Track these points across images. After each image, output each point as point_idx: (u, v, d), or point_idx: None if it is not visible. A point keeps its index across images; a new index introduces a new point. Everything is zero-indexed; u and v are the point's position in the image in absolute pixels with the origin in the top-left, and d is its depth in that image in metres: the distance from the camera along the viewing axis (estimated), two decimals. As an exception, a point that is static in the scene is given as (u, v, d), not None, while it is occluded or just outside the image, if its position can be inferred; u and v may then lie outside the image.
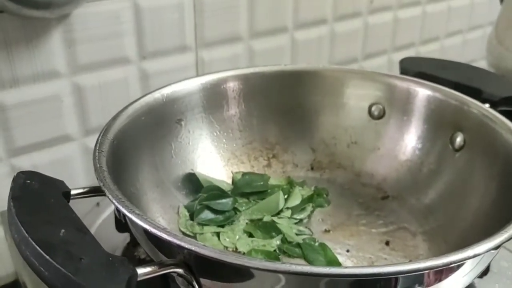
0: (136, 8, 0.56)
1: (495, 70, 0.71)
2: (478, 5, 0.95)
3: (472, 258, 0.27)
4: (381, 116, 0.50)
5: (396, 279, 0.27)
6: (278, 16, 0.68)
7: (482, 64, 0.79)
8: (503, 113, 0.43)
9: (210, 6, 0.61)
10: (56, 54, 0.52)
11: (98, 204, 0.51)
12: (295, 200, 0.47)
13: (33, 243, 0.25)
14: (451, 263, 0.26)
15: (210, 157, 0.49)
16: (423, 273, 0.28)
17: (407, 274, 0.26)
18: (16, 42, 0.50)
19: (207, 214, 0.43)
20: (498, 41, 0.70)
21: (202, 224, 0.43)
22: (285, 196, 0.47)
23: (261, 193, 0.47)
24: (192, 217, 0.44)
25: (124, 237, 0.46)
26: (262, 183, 0.49)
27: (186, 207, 0.45)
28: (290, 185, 0.49)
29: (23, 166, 0.54)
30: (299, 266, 0.25)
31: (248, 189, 0.47)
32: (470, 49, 0.98)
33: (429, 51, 0.91)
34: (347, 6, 0.74)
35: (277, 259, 0.40)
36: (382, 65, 0.84)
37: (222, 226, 0.43)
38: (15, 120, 0.52)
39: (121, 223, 0.43)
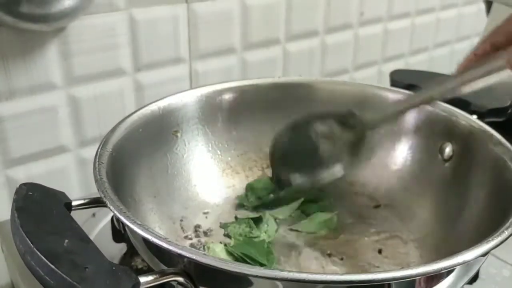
0: (131, 20, 0.56)
1: (482, 81, 0.72)
2: (465, 16, 0.97)
3: (461, 264, 0.28)
4: (373, 126, 0.52)
5: (389, 285, 0.28)
6: (271, 28, 0.69)
7: (470, 74, 0.81)
8: (490, 124, 0.44)
9: (204, 18, 0.62)
10: (52, 66, 0.53)
11: (94, 214, 0.52)
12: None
13: (38, 253, 0.26)
14: (441, 270, 0.27)
15: (206, 167, 0.50)
16: (414, 279, 0.29)
17: (400, 281, 0.27)
18: (13, 54, 0.50)
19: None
20: (484, 53, 0.72)
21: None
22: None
23: None
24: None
25: (121, 247, 0.47)
26: None
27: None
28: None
29: (19, 177, 0.55)
30: (297, 273, 0.26)
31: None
32: (458, 60, 1.00)
33: (418, 61, 0.92)
34: (338, 18, 0.76)
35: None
36: (372, 75, 0.85)
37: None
38: (11, 132, 0.52)
39: (118, 233, 0.44)
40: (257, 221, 0.46)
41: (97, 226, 0.50)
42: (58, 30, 0.52)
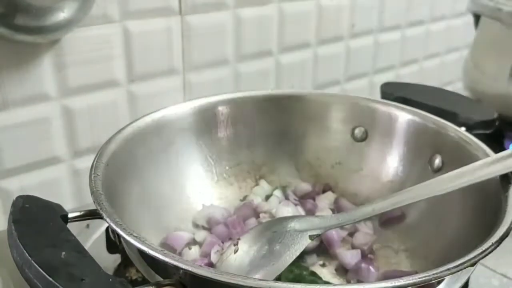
0: (125, 32, 0.57)
1: (471, 92, 0.74)
2: (455, 29, 0.99)
3: (449, 274, 0.29)
4: (363, 138, 0.52)
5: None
6: (263, 41, 0.70)
7: (459, 85, 0.82)
8: (478, 136, 0.45)
9: (198, 30, 0.62)
10: (46, 78, 0.53)
11: (88, 226, 0.52)
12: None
13: (36, 265, 0.26)
14: (430, 280, 0.28)
15: (200, 179, 0.50)
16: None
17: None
18: (7, 66, 0.50)
19: None
20: (473, 65, 0.73)
21: None
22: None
23: None
24: None
25: (115, 258, 0.47)
26: None
27: None
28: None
29: (12, 188, 0.55)
30: (291, 284, 0.26)
31: None
32: (448, 71, 1.02)
33: (408, 73, 0.94)
34: (329, 30, 0.77)
35: None
36: (363, 87, 0.86)
37: None
38: (4, 142, 0.52)
39: (112, 244, 0.44)
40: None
41: (91, 237, 0.50)
42: (52, 42, 0.52)
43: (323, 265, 0.44)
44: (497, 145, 0.43)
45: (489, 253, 0.30)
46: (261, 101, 0.53)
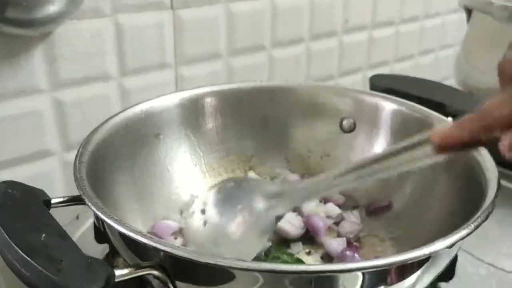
0: (117, 26, 0.57)
1: (463, 87, 0.74)
2: (449, 25, 0.99)
3: (429, 255, 0.29)
4: (351, 129, 0.53)
5: (363, 276, 0.29)
6: (256, 35, 0.70)
7: (453, 81, 0.82)
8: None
9: (190, 24, 0.63)
10: (38, 71, 0.53)
11: (77, 217, 0.52)
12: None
13: (15, 247, 0.26)
14: (409, 260, 0.28)
15: (188, 170, 0.51)
16: (385, 270, 0.29)
17: (368, 270, 0.28)
18: (-2, 59, 0.51)
19: None
20: (465, 60, 0.74)
21: None
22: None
23: None
24: None
25: (103, 248, 0.47)
26: None
27: None
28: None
29: (3, 180, 0.55)
30: (268, 264, 0.27)
31: None
32: (442, 67, 1.02)
33: (402, 69, 0.94)
34: (323, 25, 0.77)
35: None
36: (357, 82, 0.86)
37: None
38: (-4, 135, 0.53)
39: (100, 234, 0.44)
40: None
41: (80, 228, 0.50)
42: (44, 35, 0.53)
43: (308, 253, 0.44)
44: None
45: (467, 236, 0.30)
46: (249, 93, 0.53)
